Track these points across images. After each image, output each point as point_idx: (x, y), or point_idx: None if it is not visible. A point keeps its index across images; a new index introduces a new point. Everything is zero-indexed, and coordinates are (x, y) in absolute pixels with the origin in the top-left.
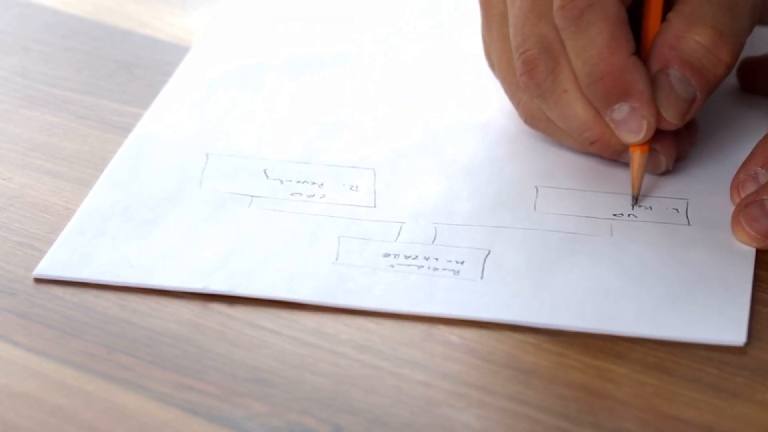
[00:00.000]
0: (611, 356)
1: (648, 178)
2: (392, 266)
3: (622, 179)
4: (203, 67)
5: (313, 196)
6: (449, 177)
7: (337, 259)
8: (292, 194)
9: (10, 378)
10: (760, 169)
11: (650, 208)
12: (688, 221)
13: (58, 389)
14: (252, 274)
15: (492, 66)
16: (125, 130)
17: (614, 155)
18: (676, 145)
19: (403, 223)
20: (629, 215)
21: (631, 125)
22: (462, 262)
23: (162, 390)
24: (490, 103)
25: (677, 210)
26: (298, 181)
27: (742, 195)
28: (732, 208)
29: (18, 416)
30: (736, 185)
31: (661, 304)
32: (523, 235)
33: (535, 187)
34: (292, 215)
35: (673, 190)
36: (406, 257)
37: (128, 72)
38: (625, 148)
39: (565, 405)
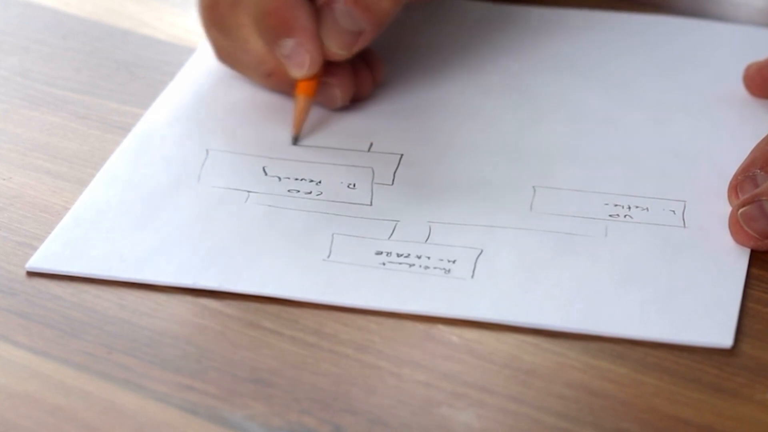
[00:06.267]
0: (611, 356)
1: (647, 178)
2: (383, 264)
3: (621, 179)
4: (207, 67)
5: (310, 193)
6: (447, 176)
7: (329, 256)
8: (289, 191)
9: (10, 378)
10: (758, 171)
11: (647, 209)
12: (684, 223)
13: (58, 389)
14: (242, 270)
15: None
16: (125, 130)
17: (290, 90)
18: (352, 81)
19: (398, 221)
20: (625, 216)
21: (297, 59)
22: (453, 261)
23: (162, 390)
24: (489, 102)
25: (674, 212)
26: (297, 179)
27: (740, 197)
28: (729, 210)
29: (18, 416)
30: (734, 186)
31: (648, 306)
32: (517, 235)
33: (533, 187)
34: (288, 212)
35: (671, 191)
36: (398, 255)
37: (128, 72)
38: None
39: (565, 405)
